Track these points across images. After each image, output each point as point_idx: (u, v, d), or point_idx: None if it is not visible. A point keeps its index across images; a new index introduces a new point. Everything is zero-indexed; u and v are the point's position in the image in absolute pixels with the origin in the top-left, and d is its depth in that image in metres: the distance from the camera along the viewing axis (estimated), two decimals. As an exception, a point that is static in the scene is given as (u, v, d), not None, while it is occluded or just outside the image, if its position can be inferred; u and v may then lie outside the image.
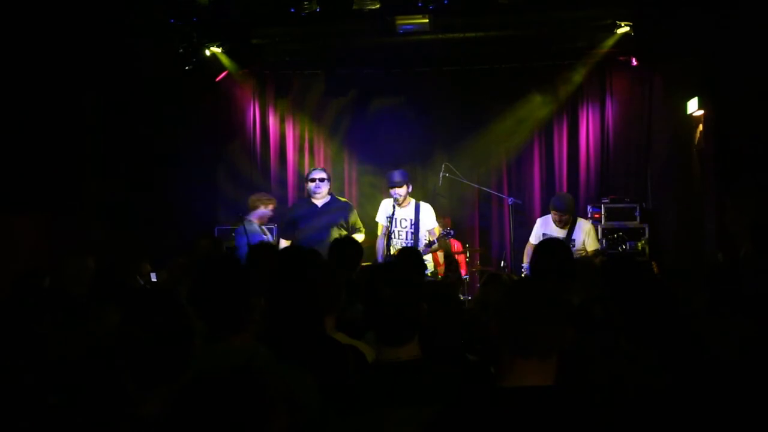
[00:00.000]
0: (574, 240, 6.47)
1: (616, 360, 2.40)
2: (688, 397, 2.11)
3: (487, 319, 2.13)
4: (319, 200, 6.74)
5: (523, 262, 6.82)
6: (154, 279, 6.08)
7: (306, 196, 6.94)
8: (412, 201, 6.75)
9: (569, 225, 6.49)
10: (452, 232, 6.54)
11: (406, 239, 6.70)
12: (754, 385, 2.07)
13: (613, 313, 2.61)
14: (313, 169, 6.92)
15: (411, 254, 4.70)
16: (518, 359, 1.80)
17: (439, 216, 7.32)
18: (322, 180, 6.67)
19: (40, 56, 5.97)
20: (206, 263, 2.65)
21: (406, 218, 6.72)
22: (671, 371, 2.25)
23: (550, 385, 1.79)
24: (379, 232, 6.92)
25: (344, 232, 6.70)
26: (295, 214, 6.82)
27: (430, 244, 6.43)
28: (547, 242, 3.87)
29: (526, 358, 1.80)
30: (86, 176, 6.90)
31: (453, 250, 7.32)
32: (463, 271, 7.06)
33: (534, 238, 6.77)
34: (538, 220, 6.85)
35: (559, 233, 6.49)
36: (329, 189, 6.77)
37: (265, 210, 6.70)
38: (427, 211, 6.76)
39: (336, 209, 6.78)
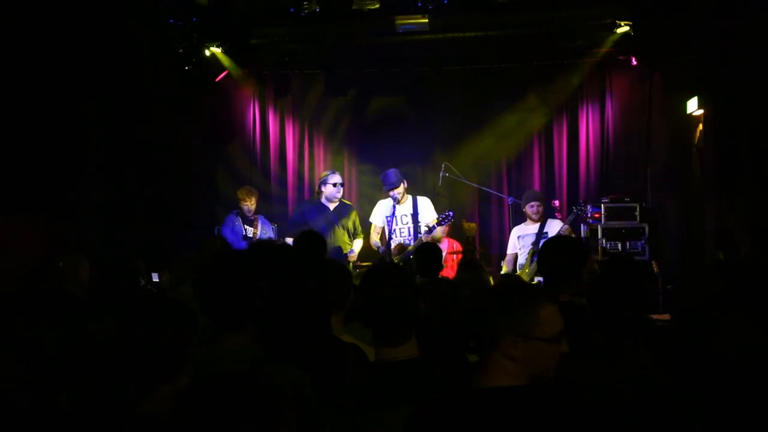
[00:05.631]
0: (546, 233, 6.83)
1: (594, 357, 2.41)
2: (684, 396, 2.11)
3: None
4: (331, 203, 6.84)
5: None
6: (155, 279, 6.08)
7: (315, 197, 7.04)
8: (409, 196, 6.85)
9: (540, 221, 6.95)
10: (451, 214, 6.59)
11: (408, 235, 6.77)
12: (754, 385, 2.07)
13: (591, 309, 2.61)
14: (332, 173, 7.02)
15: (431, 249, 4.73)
16: (490, 356, 1.83)
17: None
18: (342, 184, 6.90)
19: (39, 56, 5.97)
20: (213, 261, 2.66)
21: (406, 214, 6.82)
22: (670, 369, 2.25)
23: (525, 385, 1.80)
24: (373, 231, 7.01)
25: (345, 234, 6.78)
26: (306, 213, 6.91)
27: (430, 230, 6.49)
28: (556, 239, 3.77)
29: (491, 353, 1.83)
30: (85, 176, 6.90)
31: (452, 249, 7.34)
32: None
33: (511, 248, 7.13)
34: (511, 233, 7.15)
35: (531, 230, 6.94)
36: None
37: (245, 205, 7.11)
38: (426, 205, 6.87)
39: (342, 211, 6.89)
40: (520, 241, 7.00)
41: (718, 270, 3.46)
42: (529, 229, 6.99)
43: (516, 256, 7.05)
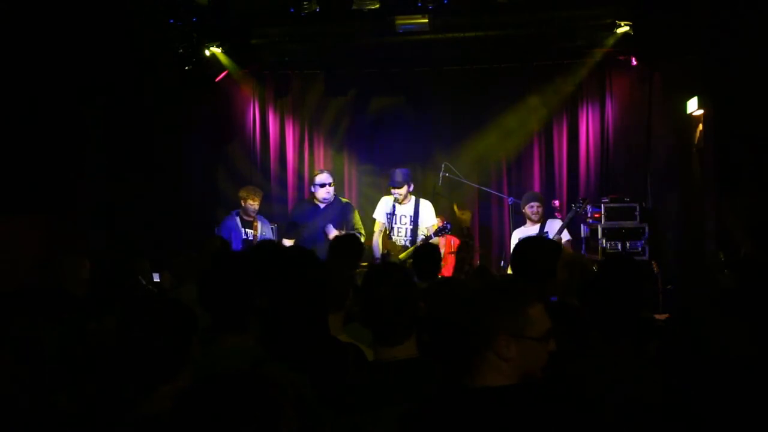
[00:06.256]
0: (546, 233, 6.86)
1: (588, 355, 2.41)
2: (683, 396, 2.12)
3: None
4: (323, 203, 6.80)
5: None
6: (156, 279, 6.08)
7: (309, 198, 7.00)
8: (412, 198, 6.82)
9: (540, 222, 6.97)
10: (449, 226, 6.59)
11: (406, 236, 6.74)
12: (752, 386, 2.07)
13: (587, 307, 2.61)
14: (319, 173, 6.96)
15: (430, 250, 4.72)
16: (477, 356, 1.84)
17: (437, 215, 7.35)
18: (330, 185, 6.79)
19: (40, 56, 5.97)
20: (214, 262, 2.66)
21: (405, 215, 6.78)
22: (669, 368, 2.25)
23: (519, 384, 1.81)
24: (376, 230, 6.97)
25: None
26: (297, 216, 6.88)
27: (427, 239, 6.49)
28: (528, 240, 3.76)
29: (476, 354, 1.84)
30: (85, 176, 6.90)
31: (452, 249, 7.34)
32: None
33: None
34: (513, 235, 7.10)
35: (532, 231, 6.86)
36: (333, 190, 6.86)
37: (250, 204, 6.96)
38: (427, 208, 6.82)
39: (338, 210, 6.83)
40: None
41: (726, 268, 3.46)
42: (530, 230, 6.96)
43: None
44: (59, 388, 2.34)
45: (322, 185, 6.79)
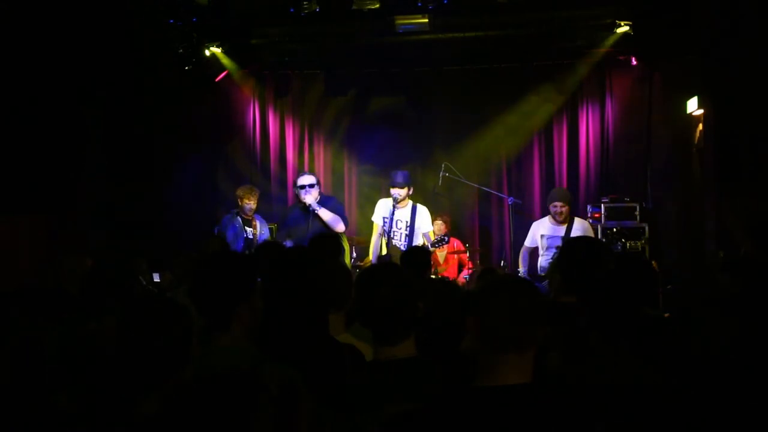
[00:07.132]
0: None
1: (592, 355, 2.41)
2: (673, 395, 2.12)
3: None
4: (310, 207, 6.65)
5: (518, 267, 6.83)
6: (157, 279, 6.08)
7: (296, 202, 6.91)
8: (410, 203, 6.73)
9: (567, 223, 6.54)
10: (446, 238, 6.54)
11: (402, 240, 6.69)
12: (744, 385, 2.07)
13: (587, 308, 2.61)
14: (300, 175, 6.85)
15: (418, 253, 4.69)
16: (495, 355, 1.82)
17: (438, 215, 7.33)
18: (311, 186, 6.56)
19: (40, 56, 5.98)
20: (202, 260, 2.65)
21: (402, 220, 6.69)
22: (661, 368, 2.25)
23: (527, 383, 1.81)
24: (375, 233, 6.89)
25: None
26: (288, 220, 6.79)
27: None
28: (591, 244, 3.51)
29: (503, 353, 1.81)
30: (85, 176, 6.90)
31: (453, 249, 7.33)
32: (465, 271, 7.06)
33: (529, 242, 6.82)
34: (533, 224, 6.85)
35: (556, 232, 6.55)
36: (319, 191, 6.68)
37: (247, 203, 6.86)
38: (424, 214, 6.72)
39: (329, 207, 6.73)
40: (544, 241, 6.60)
41: (725, 269, 3.45)
42: (555, 230, 6.57)
43: (532, 250, 6.73)
44: (59, 388, 2.34)
45: (302, 187, 6.60)
